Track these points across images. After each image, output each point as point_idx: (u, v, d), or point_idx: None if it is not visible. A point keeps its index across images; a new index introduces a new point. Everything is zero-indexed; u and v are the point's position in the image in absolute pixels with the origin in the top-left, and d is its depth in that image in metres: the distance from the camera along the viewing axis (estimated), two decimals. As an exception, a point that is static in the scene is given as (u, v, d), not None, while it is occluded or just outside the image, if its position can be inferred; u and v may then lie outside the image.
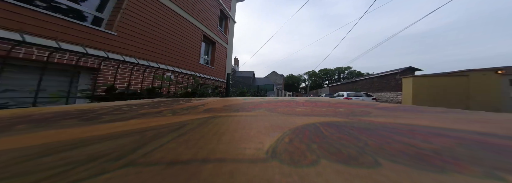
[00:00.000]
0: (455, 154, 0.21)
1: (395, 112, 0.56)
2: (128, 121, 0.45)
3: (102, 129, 0.36)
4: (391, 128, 0.35)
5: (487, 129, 0.32)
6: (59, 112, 0.62)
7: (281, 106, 0.78)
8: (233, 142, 0.27)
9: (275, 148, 0.23)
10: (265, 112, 0.61)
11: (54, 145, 0.25)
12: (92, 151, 0.23)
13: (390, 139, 0.27)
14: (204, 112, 0.62)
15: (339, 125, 0.38)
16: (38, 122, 0.45)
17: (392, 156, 0.20)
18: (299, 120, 0.44)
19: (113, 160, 0.20)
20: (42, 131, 0.35)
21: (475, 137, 0.28)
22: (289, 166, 0.18)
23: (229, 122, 0.42)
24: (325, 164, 0.18)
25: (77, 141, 0.28)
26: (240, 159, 0.20)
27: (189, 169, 0.17)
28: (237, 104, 0.87)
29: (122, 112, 0.62)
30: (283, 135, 0.30)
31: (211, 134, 0.31)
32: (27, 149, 0.24)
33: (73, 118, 0.51)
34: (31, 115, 0.56)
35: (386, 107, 0.71)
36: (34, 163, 0.19)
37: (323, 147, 0.24)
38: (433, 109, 0.63)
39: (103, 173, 0.17)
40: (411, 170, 0.17)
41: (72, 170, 0.17)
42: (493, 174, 0.16)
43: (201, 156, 0.21)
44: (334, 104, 0.85)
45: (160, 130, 0.35)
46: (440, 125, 0.37)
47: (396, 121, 0.42)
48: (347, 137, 0.28)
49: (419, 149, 0.23)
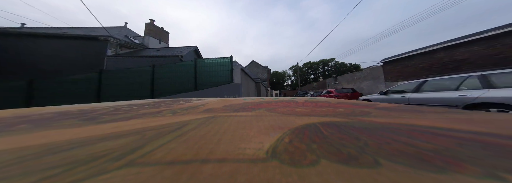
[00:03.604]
0: (455, 154, 0.21)
1: (395, 112, 0.56)
2: (128, 121, 0.45)
3: (102, 129, 0.36)
4: (391, 128, 0.34)
5: (487, 129, 0.32)
6: (59, 112, 0.62)
7: (281, 106, 0.78)
8: (233, 142, 0.27)
9: (275, 148, 0.23)
10: (265, 112, 0.61)
11: (54, 145, 0.25)
12: (92, 151, 0.23)
13: (390, 139, 0.27)
14: (204, 112, 0.62)
15: (339, 125, 0.38)
16: (38, 122, 0.45)
17: (392, 156, 0.20)
18: (299, 120, 0.44)
19: (113, 160, 0.20)
20: (42, 131, 0.35)
21: (475, 137, 0.28)
22: (289, 166, 0.18)
23: (229, 122, 0.42)
24: (325, 164, 0.18)
25: (77, 141, 0.28)
26: (240, 159, 0.20)
27: (189, 169, 0.17)
28: (237, 104, 0.87)
29: (122, 112, 0.62)
30: (283, 135, 0.30)
31: (211, 134, 0.31)
32: (27, 149, 0.24)
33: (73, 118, 0.51)
34: (31, 115, 0.56)
35: (386, 107, 0.71)
36: (34, 163, 0.19)
37: (323, 147, 0.23)
38: (433, 109, 0.63)
39: (103, 173, 0.17)
40: (411, 170, 0.17)
41: (72, 170, 0.17)
42: (493, 174, 0.16)
43: (201, 156, 0.21)
44: (334, 104, 0.85)
45: (160, 130, 0.35)
46: (440, 125, 0.37)
47: (396, 121, 0.42)
48: (347, 137, 0.28)
49: (419, 149, 0.23)
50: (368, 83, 13.49)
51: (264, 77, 30.43)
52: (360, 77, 14.77)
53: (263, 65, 34.34)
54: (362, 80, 14.27)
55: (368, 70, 13.95)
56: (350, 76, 16.60)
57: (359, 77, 14.92)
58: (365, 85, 13.78)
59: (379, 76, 12.30)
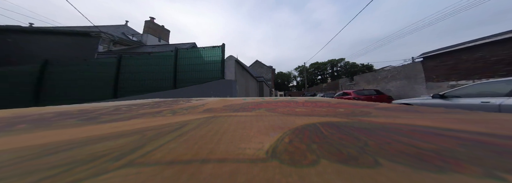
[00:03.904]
0: (455, 154, 0.21)
1: (395, 112, 0.56)
2: (128, 121, 0.45)
3: (102, 129, 0.36)
4: (391, 128, 0.34)
5: (487, 129, 0.32)
6: (59, 112, 0.62)
7: (281, 106, 0.78)
8: (233, 142, 0.27)
9: (275, 148, 0.23)
10: (265, 112, 0.61)
11: (54, 145, 0.25)
12: (92, 151, 0.23)
13: (390, 139, 0.27)
14: (204, 112, 0.62)
15: (339, 125, 0.38)
16: (38, 122, 0.45)
17: (392, 156, 0.20)
18: (299, 120, 0.44)
19: (113, 160, 0.20)
20: (42, 131, 0.35)
21: (475, 137, 0.28)
22: (289, 166, 0.18)
23: (229, 122, 0.42)
24: (325, 164, 0.18)
25: (77, 141, 0.28)
26: (240, 159, 0.20)
27: (189, 169, 0.17)
28: (237, 104, 0.87)
29: (122, 112, 0.62)
30: (283, 135, 0.30)
31: (211, 134, 0.31)
32: (27, 149, 0.24)
33: (73, 118, 0.51)
34: (31, 115, 0.56)
35: (386, 107, 0.71)
36: (34, 163, 0.19)
37: (323, 147, 0.23)
38: (433, 109, 0.63)
39: (103, 173, 0.17)
40: (411, 170, 0.17)
41: (72, 170, 0.17)
42: (493, 174, 0.16)
43: (201, 156, 0.21)
44: (334, 104, 0.85)
45: (160, 130, 0.35)
46: (440, 125, 0.37)
47: (396, 121, 0.42)
48: (347, 137, 0.28)
49: (419, 149, 0.23)
50: (398, 84, 10.76)
51: (268, 77, 28.56)
52: (385, 77, 11.94)
53: (267, 65, 32.27)
54: (389, 80, 11.52)
55: (398, 68, 11.02)
56: (371, 76, 13.62)
57: (384, 77, 12.03)
58: (393, 86, 11.19)
59: (416, 75, 9.54)
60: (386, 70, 12.08)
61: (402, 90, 10.40)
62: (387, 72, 11.83)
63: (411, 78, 9.84)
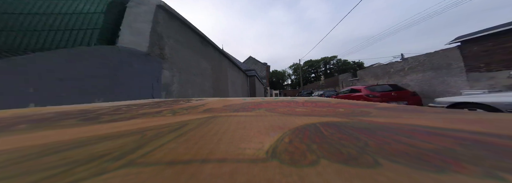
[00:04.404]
0: (455, 154, 0.21)
1: (395, 112, 0.56)
2: (128, 121, 0.45)
3: (102, 129, 0.36)
4: (391, 128, 0.34)
5: (487, 129, 0.32)
6: (59, 112, 0.62)
7: (281, 106, 0.78)
8: (233, 142, 0.27)
9: (275, 148, 0.23)
10: (265, 112, 0.61)
11: (54, 145, 0.25)
12: (92, 151, 0.23)
13: (390, 139, 0.27)
14: (204, 112, 0.62)
15: (339, 125, 0.38)
16: (38, 122, 0.45)
17: (392, 156, 0.20)
18: (299, 120, 0.44)
19: (113, 160, 0.20)
20: (42, 131, 0.35)
21: (475, 137, 0.28)
22: (289, 166, 0.18)
23: (229, 122, 0.42)
24: (325, 164, 0.18)
25: (77, 141, 0.28)
26: (240, 159, 0.20)
27: (189, 169, 0.17)
28: (237, 104, 0.87)
29: (122, 112, 0.62)
30: (283, 135, 0.30)
31: (211, 134, 0.31)
32: (27, 149, 0.24)
33: (73, 118, 0.51)
34: (31, 115, 0.56)
35: (386, 107, 0.71)
36: (34, 163, 0.19)
37: (323, 147, 0.23)
38: (433, 109, 0.63)
39: (103, 173, 0.17)
40: (411, 170, 0.17)
41: (72, 170, 0.17)
42: (493, 174, 0.16)
43: (201, 156, 0.21)
44: (334, 104, 0.85)
45: (160, 130, 0.35)
46: (440, 125, 0.37)
47: (396, 121, 0.42)
48: (347, 137, 0.28)
49: (419, 149, 0.23)
50: (421, 77, 8.46)
51: (263, 75, 25.90)
52: (400, 69, 9.59)
53: (261, 62, 28.87)
54: (406, 73, 9.23)
55: (419, 58, 8.64)
56: (380, 69, 11.19)
57: (399, 69, 9.66)
58: (413, 80, 8.97)
59: (449, 64, 7.38)
60: (402, 62, 9.91)
61: (427, 85, 8.21)
62: (404, 64, 9.57)
63: (442, 69, 7.64)
